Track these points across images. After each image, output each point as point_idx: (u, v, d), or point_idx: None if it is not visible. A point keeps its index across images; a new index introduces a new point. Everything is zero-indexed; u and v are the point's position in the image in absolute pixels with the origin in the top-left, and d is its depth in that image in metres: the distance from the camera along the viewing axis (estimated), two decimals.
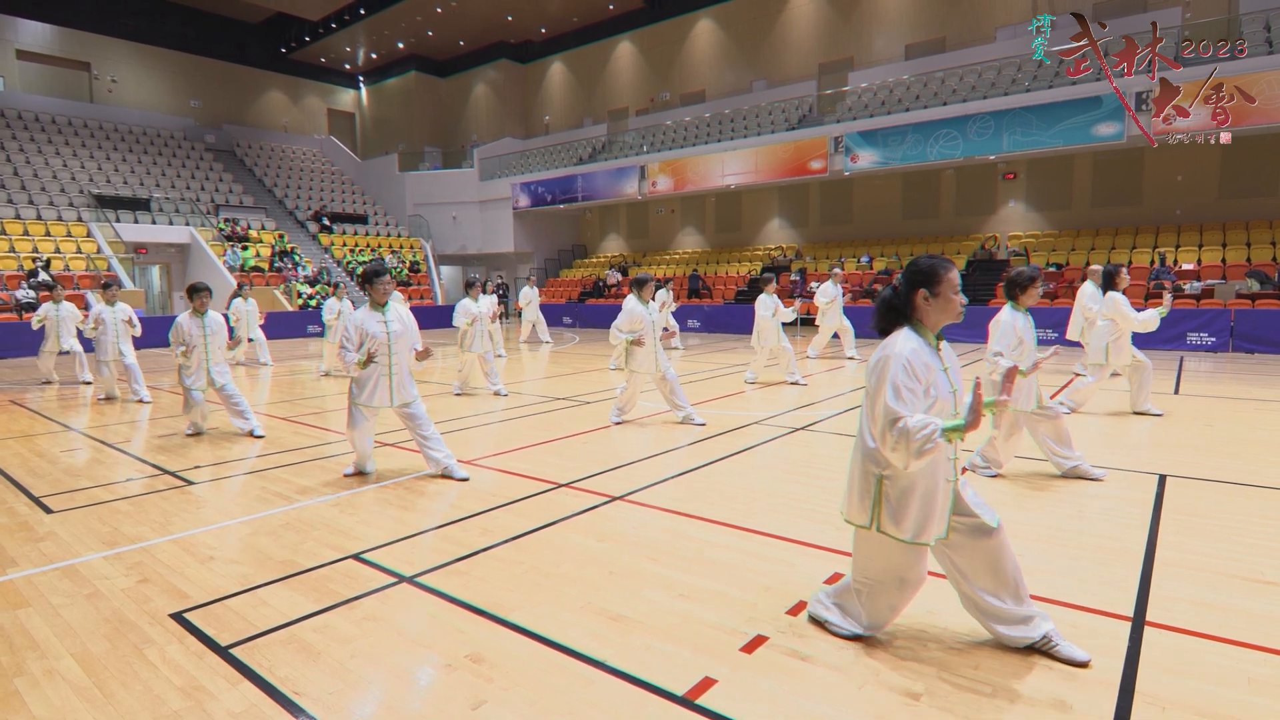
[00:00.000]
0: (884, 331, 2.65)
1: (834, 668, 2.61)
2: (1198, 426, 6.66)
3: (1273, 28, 14.99)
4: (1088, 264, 15.73)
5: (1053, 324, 13.34)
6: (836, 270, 12.32)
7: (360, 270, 5.20)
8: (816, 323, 12.73)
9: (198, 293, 6.68)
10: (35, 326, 10.83)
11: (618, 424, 7.12)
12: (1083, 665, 2.57)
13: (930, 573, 3.36)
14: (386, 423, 7.10)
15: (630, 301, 6.85)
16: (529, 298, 16.30)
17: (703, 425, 6.93)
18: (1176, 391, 8.65)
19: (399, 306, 5.27)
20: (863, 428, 2.65)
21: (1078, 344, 9.41)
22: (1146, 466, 5.28)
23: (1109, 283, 6.89)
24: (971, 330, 14.12)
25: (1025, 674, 2.54)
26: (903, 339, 2.53)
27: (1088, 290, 8.29)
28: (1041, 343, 12.50)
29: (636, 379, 7.08)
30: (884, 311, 2.65)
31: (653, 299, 6.99)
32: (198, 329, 6.68)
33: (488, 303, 9.82)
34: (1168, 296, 6.87)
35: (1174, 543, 3.75)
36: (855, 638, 2.79)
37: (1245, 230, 15.89)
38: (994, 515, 2.64)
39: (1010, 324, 4.66)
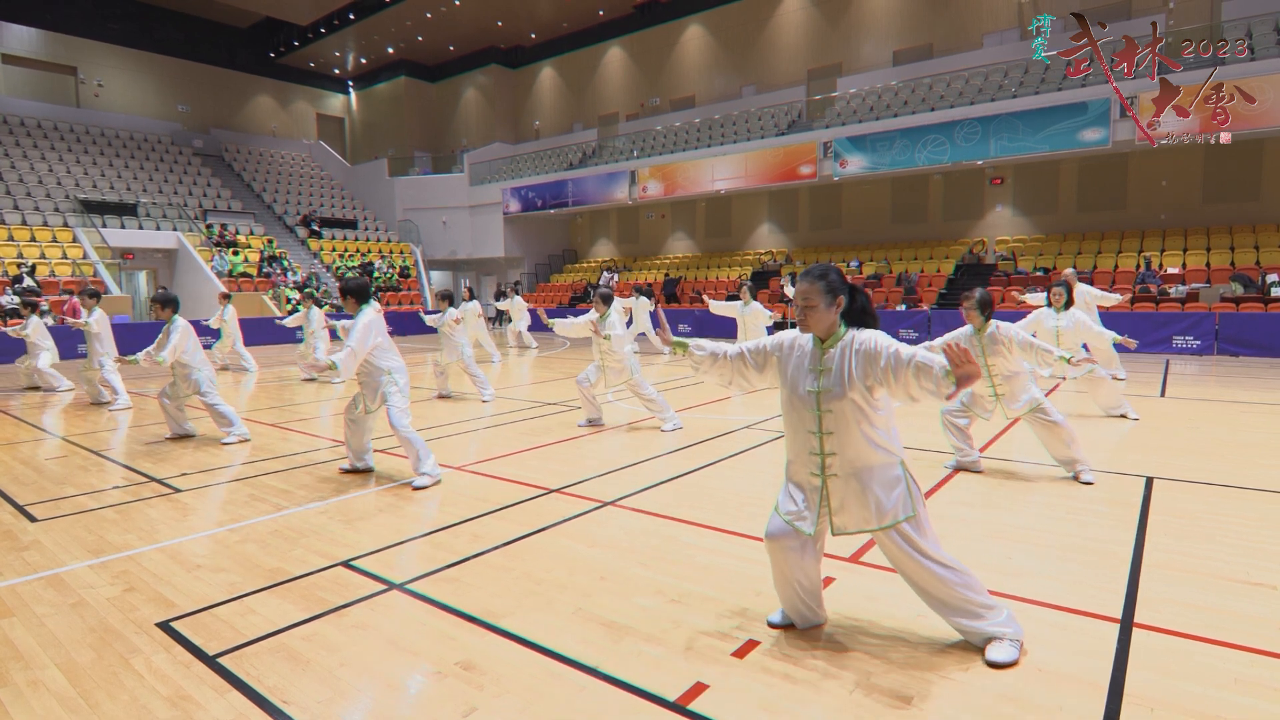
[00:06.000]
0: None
1: (825, 672, 2.61)
2: (1184, 429, 6.72)
3: (1254, 34, 15.19)
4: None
5: None
6: None
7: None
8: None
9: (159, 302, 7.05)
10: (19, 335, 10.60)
11: (594, 424, 7.11)
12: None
13: None
14: (379, 427, 7.05)
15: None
16: (518, 304, 16.38)
17: (678, 429, 6.97)
18: (1163, 394, 8.73)
19: (360, 317, 5.12)
20: None
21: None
22: (1133, 469, 5.32)
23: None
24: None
25: (1016, 677, 2.55)
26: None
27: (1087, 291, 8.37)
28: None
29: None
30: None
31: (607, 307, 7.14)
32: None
33: (467, 308, 9.76)
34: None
35: (1162, 544, 3.78)
36: (780, 626, 2.92)
37: (1229, 234, 16.07)
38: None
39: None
